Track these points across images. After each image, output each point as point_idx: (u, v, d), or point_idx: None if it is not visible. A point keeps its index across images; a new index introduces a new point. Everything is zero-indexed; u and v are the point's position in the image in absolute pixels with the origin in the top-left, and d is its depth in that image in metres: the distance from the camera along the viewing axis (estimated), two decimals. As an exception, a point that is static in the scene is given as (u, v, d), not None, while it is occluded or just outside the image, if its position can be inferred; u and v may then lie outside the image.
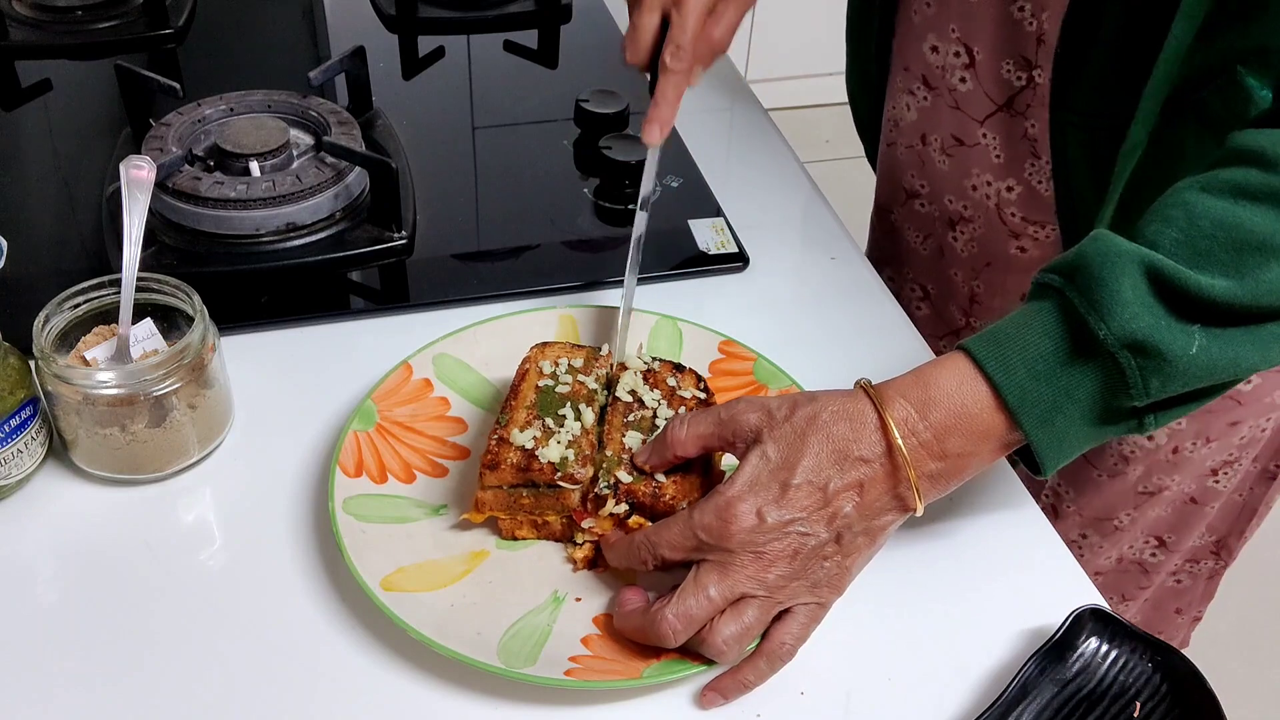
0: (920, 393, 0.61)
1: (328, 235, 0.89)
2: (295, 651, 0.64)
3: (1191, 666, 0.62)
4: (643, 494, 0.66)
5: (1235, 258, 0.58)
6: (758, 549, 0.60)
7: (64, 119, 1.09)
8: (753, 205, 1.00)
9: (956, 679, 0.65)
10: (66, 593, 0.66)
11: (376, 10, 1.24)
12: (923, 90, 0.92)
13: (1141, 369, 0.58)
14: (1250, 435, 0.96)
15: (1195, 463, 0.97)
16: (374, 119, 1.03)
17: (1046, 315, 0.60)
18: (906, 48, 0.94)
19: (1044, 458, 0.60)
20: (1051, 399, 0.59)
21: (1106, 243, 0.60)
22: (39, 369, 0.69)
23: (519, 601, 0.66)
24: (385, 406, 0.75)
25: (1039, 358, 0.59)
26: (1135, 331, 0.57)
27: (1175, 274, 0.57)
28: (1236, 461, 0.98)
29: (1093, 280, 0.58)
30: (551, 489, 0.67)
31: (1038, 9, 0.81)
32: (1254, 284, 0.57)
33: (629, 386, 0.73)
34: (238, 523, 0.71)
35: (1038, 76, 0.82)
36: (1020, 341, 0.60)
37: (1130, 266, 0.58)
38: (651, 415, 0.71)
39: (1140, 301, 0.57)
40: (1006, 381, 0.59)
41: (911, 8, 0.91)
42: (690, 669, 0.61)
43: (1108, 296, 0.57)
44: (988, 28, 0.85)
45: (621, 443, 0.69)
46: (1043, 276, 0.62)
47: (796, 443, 0.60)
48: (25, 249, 0.89)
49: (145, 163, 0.73)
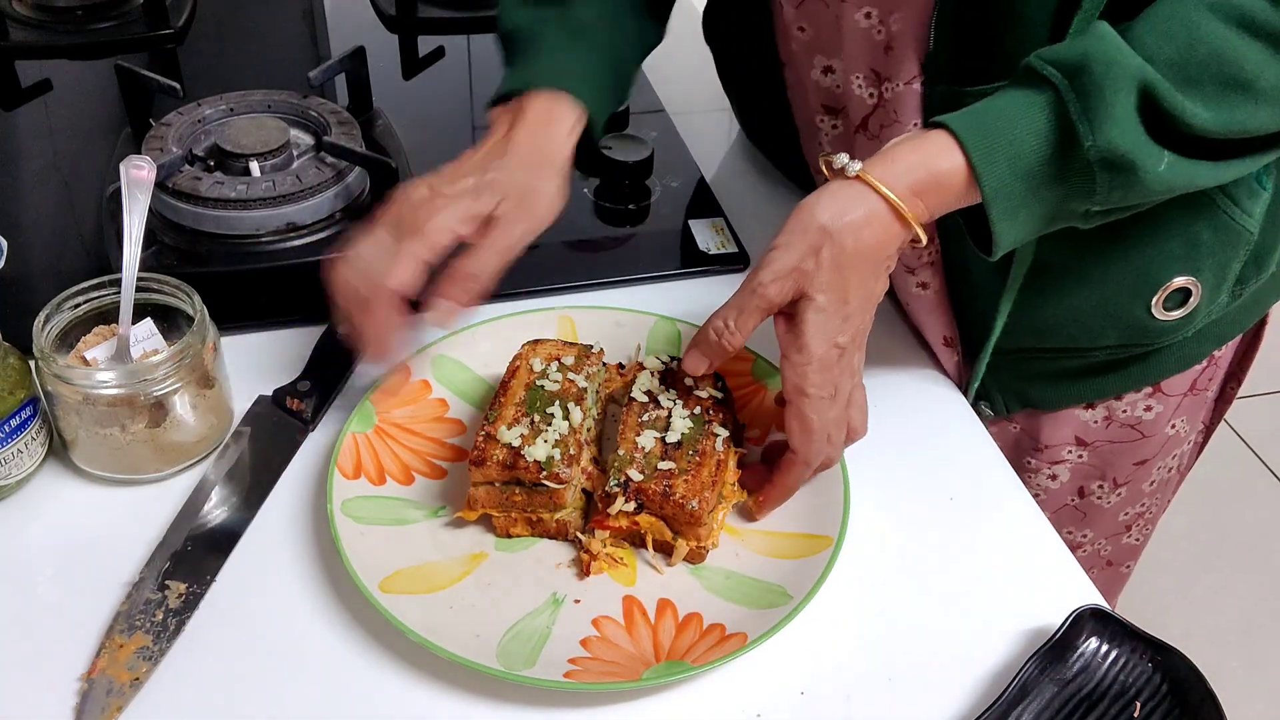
0: (923, 177, 0.63)
1: (328, 235, 0.89)
2: (294, 653, 0.64)
3: (1191, 666, 0.62)
4: (653, 492, 0.66)
5: (1220, 91, 0.61)
6: (842, 365, 0.66)
7: (64, 119, 1.09)
8: (753, 205, 1.00)
9: (956, 679, 0.65)
10: (67, 593, 0.66)
11: (376, 10, 1.24)
12: (829, 120, 0.85)
13: (1110, 182, 0.61)
14: (1159, 479, 0.95)
15: (1108, 515, 0.96)
16: (374, 119, 1.03)
17: (1038, 113, 0.62)
18: (801, 79, 0.85)
19: (999, 243, 0.64)
20: (1022, 195, 0.62)
21: (1111, 47, 0.61)
22: (39, 369, 0.69)
23: (518, 603, 0.66)
24: (384, 408, 0.75)
25: (1021, 155, 0.62)
26: (1117, 148, 0.60)
27: (1167, 98, 0.60)
28: (1148, 512, 0.98)
29: (1093, 87, 0.60)
30: (538, 488, 0.67)
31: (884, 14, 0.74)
32: (1229, 119, 0.61)
33: (644, 386, 0.72)
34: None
35: (886, 93, 0.75)
36: (1008, 135, 0.62)
37: (1129, 82, 0.60)
38: (667, 415, 0.71)
39: (1128, 118, 0.60)
40: (988, 173, 0.62)
41: (789, 40, 0.83)
42: (690, 670, 0.62)
43: (1103, 109, 0.60)
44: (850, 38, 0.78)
45: (635, 442, 0.69)
46: (1043, 68, 0.62)
47: (839, 280, 0.64)
48: (25, 249, 0.89)
49: (145, 163, 0.73)
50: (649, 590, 0.67)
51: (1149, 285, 0.76)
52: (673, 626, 0.65)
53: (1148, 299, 0.77)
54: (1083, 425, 0.88)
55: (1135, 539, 1.00)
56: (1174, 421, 0.90)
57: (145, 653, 0.62)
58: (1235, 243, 0.76)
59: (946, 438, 0.80)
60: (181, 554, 0.67)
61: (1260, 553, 1.97)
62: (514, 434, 0.68)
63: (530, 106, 0.73)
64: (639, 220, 0.98)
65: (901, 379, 0.84)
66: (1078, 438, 0.89)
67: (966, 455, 0.79)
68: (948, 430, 0.81)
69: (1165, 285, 0.76)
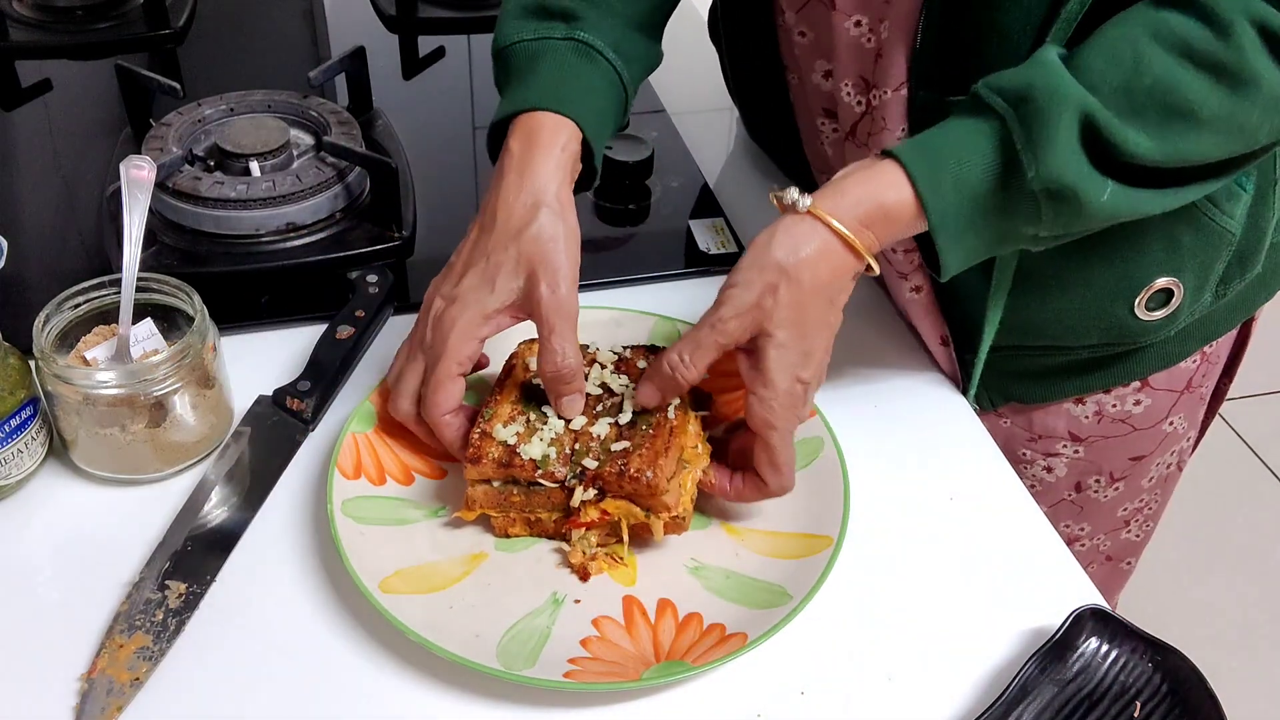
0: (872, 210, 0.64)
1: (328, 235, 0.89)
2: (293, 653, 0.64)
3: (1191, 666, 0.62)
4: (608, 474, 0.66)
5: (1163, 119, 0.61)
6: (807, 398, 0.67)
7: (64, 119, 1.09)
8: (753, 206, 1.00)
9: (956, 679, 0.65)
10: (67, 593, 0.66)
11: (376, 10, 1.24)
12: (829, 124, 0.86)
13: (1055, 211, 0.62)
14: (1158, 475, 0.95)
15: (1105, 510, 0.96)
16: (374, 119, 1.03)
17: (984, 141, 0.62)
18: (803, 83, 0.86)
19: (947, 267, 0.65)
20: (968, 223, 0.64)
21: (1054, 76, 0.61)
22: (39, 369, 0.69)
23: (518, 603, 0.66)
24: (384, 408, 0.74)
25: (967, 184, 0.63)
26: (1060, 178, 0.61)
27: (1107, 127, 0.61)
28: (1148, 508, 0.98)
29: (1036, 118, 0.61)
30: (535, 487, 0.67)
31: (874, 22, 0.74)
32: (1172, 148, 0.62)
33: (596, 380, 0.72)
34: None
35: (874, 100, 0.75)
36: (954, 165, 0.63)
37: (1072, 112, 0.61)
38: (619, 400, 0.70)
39: (1071, 149, 0.61)
40: (934, 202, 0.63)
41: (791, 43, 0.84)
42: (690, 670, 0.62)
43: (1046, 139, 0.61)
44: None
45: (590, 433, 0.68)
46: (988, 96, 0.63)
47: (798, 316, 0.64)
48: (25, 249, 0.89)
49: (145, 163, 0.73)
50: (649, 590, 0.67)
51: (1131, 287, 0.77)
52: (673, 626, 0.65)
53: (1130, 300, 0.78)
54: (1074, 420, 0.88)
55: (1135, 535, 1.00)
56: (1172, 419, 0.91)
57: (145, 653, 0.62)
58: (1217, 244, 0.77)
59: (946, 438, 0.80)
60: (181, 554, 0.67)
61: (1260, 553, 1.97)
62: (509, 432, 0.68)
63: (515, 142, 0.71)
64: (639, 220, 0.98)
65: (901, 379, 0.84)
66: (1071, 433, 0.89)
67: (966, 455, 0.79)
68: (948, 430, 0.81)
69: (1148, 286, 0.77)
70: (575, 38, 0.75)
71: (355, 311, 0.82)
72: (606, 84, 0.76)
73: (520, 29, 0.76)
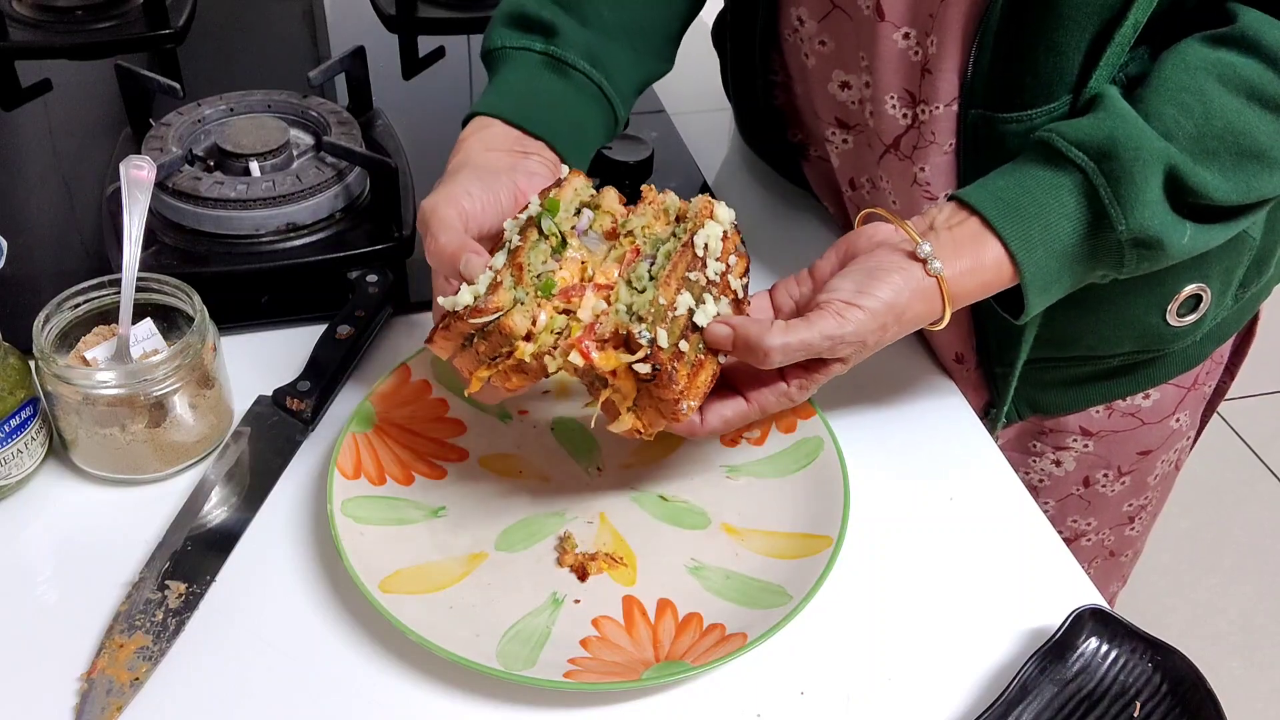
0: (972, 273, 0.65)
1: (327, 235, 0.89)
2: (293, 653, 0.64)
3: (1191, 666, 0.62)
4: (667, 368, 0.61)
5: (1237, 162, 0.64)
6: None
7: (64, 119, 1.09)
8: (753, 206, 1.00)
9: (956, 679, 0.65)
10: (67, 593, 0.66)
11: (376, 10, 1.24)
12: (840, 134, 0.85)
13: (1139, 256, 0.65)
14: (1162, 471, 0.96)
15: (1112, 504, 0.97)
16: (374, 119, 1.03)
17: (1068, 197, 0.64)
18: (812, 93, 0.86)
19: (1030, 313, 0.67)
20: (1056, 273, 0.66)
21: (1135, 130, 0.63)
22: (39, 369, 0.69)
23: (518, 603, 0.66)
24: (384, 408, 0.75)
25: (1056, 239, 0.65)
26: (1147, 230, 0.63)
27: (1190, 176, 0.63)
28: (1149, 504, 0.99)
29: (1124, 174, 0.63)
30: (488, 329, 0.62)
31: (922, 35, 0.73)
32: (1246, 188, 0.65)
33: (705, 240, 0.67)
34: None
35: (923, 114, 0.75)
36: (1042, 220, 0.65)
37: (1157, 166, 0.63)
38: (704, 285, 0.66)
39: (1158, 202, 0.63)
40: (1027, 260, 0.65)
41: (802, 53, 0.84)
42: (689, 670, 0.62)
43: (1134, 195, 0.63)
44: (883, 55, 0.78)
45: (674, 298, 0.64)
46: (1068, 150, 0.64)
47: (874, 349, 0.67)
48: (25, 249, 0.89)
49: (145, 163, 0.73)
50: (649, 590, 0.67)
51: (1164, 295, 0.79)
52: (673, 626, 0.65)
53: (1163, 307, 0.79)
54: (1086, 416, 0.89)
55: (1136, 531, 1.01)
56: (1178, 416, 0.92)
57: (145, 653, 0.62)
58: (1239, 249, 0.79)
59: (946, 438, 0.80)
60: (181, 554, 0.67)
61: (1260, 553, 1.97)
62: (469, 293, 0.63)
63: (467, 131, 0.75)
64: (639, 220, 0.98)
65: (901, 380, 0.84)
66: (1082, 427, 0.90)
67: (966, 455, 0.79)
68: (947, 430, 0.81)
69: (1179, 293, 0.79)
70: (549, 52, 0.77)
71: (355, 311, 0.82)
72: (582, 97, 0.78)
73: (504, 36, 0.79)
